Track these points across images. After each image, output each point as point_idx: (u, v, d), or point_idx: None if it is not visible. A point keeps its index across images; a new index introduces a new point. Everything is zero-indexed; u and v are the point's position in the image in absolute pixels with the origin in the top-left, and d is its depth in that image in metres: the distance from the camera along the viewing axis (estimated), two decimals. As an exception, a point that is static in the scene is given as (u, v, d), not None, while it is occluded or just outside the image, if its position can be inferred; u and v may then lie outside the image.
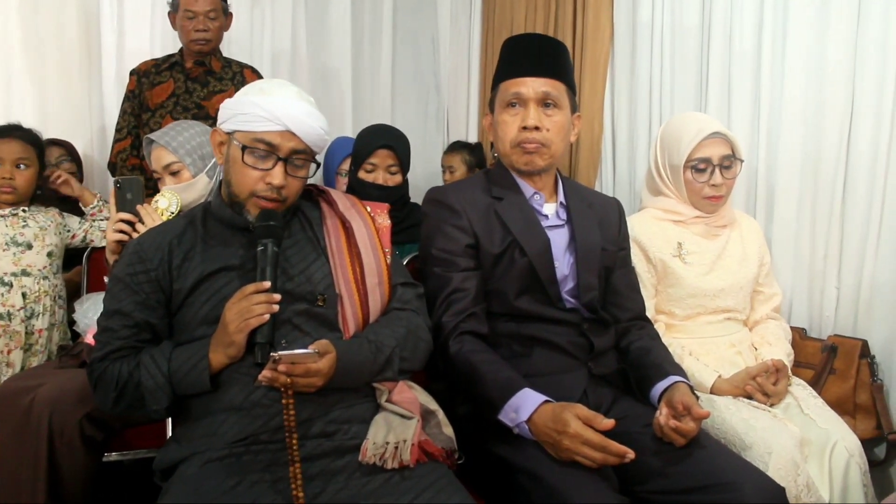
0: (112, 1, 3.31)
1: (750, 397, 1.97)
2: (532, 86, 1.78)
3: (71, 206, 2.97)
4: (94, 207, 2.65)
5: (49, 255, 2.44)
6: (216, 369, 1.46)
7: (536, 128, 1.78)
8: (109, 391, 1.50)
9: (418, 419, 1.50)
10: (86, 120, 3.28)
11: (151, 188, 2.41)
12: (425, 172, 3.89)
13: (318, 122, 1.58)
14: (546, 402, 1.54)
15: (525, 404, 1.53)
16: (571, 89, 1.84)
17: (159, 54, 3.16)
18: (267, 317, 1.41)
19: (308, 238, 1.64)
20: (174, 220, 1.64)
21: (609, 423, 1.47)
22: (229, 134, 1.58)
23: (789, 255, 2.40)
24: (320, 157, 1.71)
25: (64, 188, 2.67)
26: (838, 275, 2.32)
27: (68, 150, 3.02)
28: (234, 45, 3.54)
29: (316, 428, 1.46)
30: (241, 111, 1.54)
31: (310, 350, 1.39)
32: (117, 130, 3.03)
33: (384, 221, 1.73)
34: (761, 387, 1.97)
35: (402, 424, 1.48)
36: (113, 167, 3.04)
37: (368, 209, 1.73)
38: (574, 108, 1.86)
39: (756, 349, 2.15)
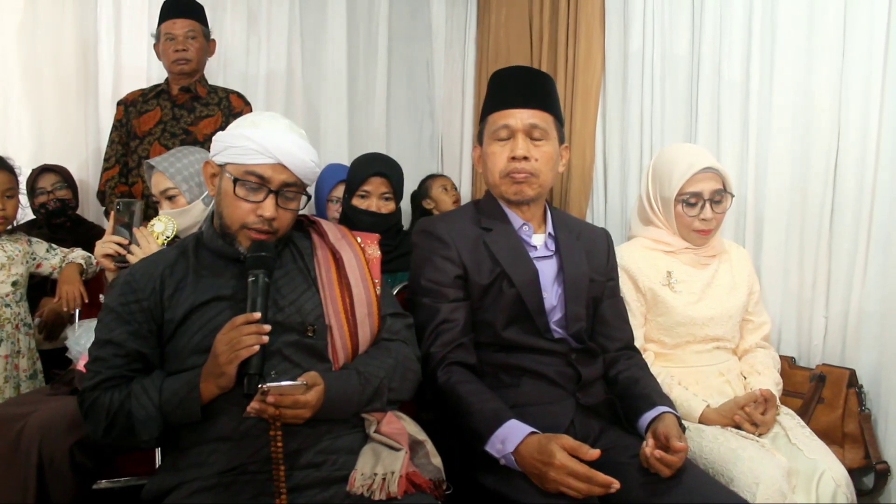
0: (109, 27, 3.36)
1: (738, 427, 1.96)
2: (520, 117, 1.81)
3: (71, 231, 2.98)
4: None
5: (14, 283, 2.45)
6: (207, 399, 1.47)
7: (525, 158, 1.80)
8: (101, 420, 1.50)
9: (406, 451, 1.50)
10: (81, 144, 3.32)
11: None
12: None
13: (309, 156, 1.60)
14: (532, 433, 1.55)
15: (511, 436, 1.54)
16: (559, 120, 1.87)
17: (155, 80, 3.20)
18: (257, 348, 1.41)
19: (299, 269, 1.65)
20: (166, 251, 1.65)
21: (594, 453, 1.48)
22: (221, 166, 1.60)
23: (778, 285, 2.42)
24: (311, 189, 1.72)
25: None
26: (826, 304, 2.34)
27: (64, 176, 3.03)
28: (229, 70, 3.58)
29: (304, 458, 1.47)
30: (233, 144, 1.56)
31: (298, 382, 1.40)
32: (105, 160, 3.05)
33: (374, 252, 1.74)
34: (749, 416, 1.97)
35: (390, 456, 1.49)
36: (102, 195, 3.05)
37: (359, 240, 1.75)
38: (562, 139, 1.89)
39: (745, 378, 2.16)
